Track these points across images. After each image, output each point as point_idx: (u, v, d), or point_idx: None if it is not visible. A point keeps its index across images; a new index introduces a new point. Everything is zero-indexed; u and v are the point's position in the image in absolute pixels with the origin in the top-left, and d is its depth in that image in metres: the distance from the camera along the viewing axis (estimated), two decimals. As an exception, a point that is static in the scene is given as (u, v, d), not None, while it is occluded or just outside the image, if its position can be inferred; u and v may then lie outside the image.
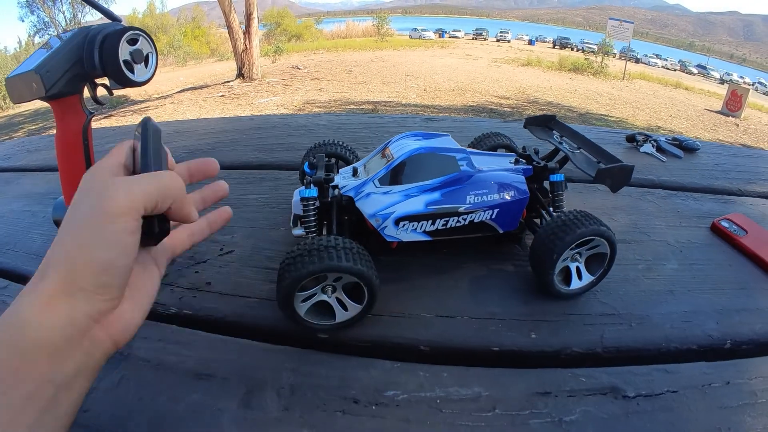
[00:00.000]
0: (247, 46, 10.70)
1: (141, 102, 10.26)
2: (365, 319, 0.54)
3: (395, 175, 0.59)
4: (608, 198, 0.84)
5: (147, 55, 0.65)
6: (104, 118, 8.48)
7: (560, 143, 0.67)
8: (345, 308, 0.52)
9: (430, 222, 0.58)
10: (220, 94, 9.77)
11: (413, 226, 0.57)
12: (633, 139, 1.10)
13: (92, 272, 0.34)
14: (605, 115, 8.02)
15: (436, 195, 0.57)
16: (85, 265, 0.34)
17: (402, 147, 0.60)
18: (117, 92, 0.70)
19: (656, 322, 0.56)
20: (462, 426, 0.43)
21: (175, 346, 0.51)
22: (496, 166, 0.63)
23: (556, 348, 0.52)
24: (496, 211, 0.59)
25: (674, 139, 1.12)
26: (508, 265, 0.64)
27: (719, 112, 9.49)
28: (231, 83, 10.87)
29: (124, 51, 0.61)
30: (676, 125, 8.09)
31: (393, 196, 0.57)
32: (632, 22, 14.35)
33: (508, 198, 0.60)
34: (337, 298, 0.52)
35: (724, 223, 0.75)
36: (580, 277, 0.58)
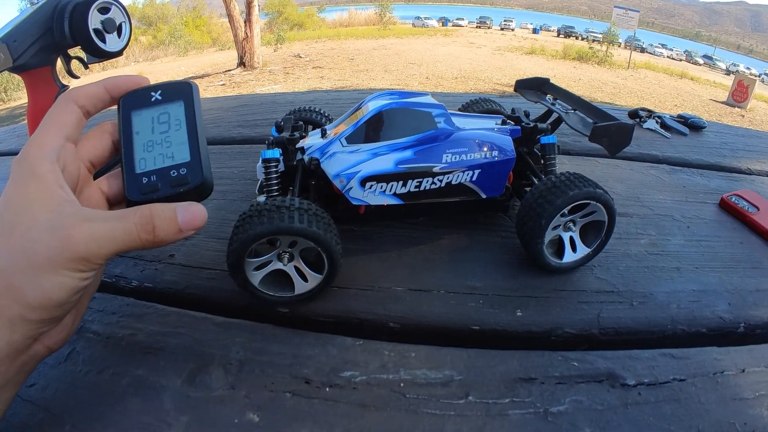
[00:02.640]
0: (248, 35, 10.69)
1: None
2: (330, 293, 0.49)
3: (365, 133, 0.53)
4: (608, 170, 0.79)
5: (120, 25, 0.64)
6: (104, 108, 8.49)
7: (553, 105, 0.61)
8: (305, 279, 0.47)
9: (401, 183, 0.52)
10: (221, 82, 9.77)
11: (382, 187, 0.52)
12: (636, 115, 1.05)
13: (35, 309, 0.32)
14: (610, 104, 7.97)
15: (408, 153, 0.52)
16: (28, 306, 0.32)
17: (374, 104, 0.55)
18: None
19: (661, 301, 0.50)
20: (426, 414, 0.37)
21: (129, 319, 0.47)
22: (481, 126, 0.57)
23: (546, 328, 0.46)
24: (476, 172, 0.53)
25: (679, 116, 1.07)
26: (494, 236, 0.58)
27: (725, 103, 9.42)
28: (232, 72, 10.86)
29: (94, 19, 0.60)
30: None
31: (360, 155, 0.52)
32: (638, 11, 14.23)
33: (491, 159, 0.53)
34: (296, 268, 0.47)
35: (734, 199, 0.69)
36: (574, 248, 0.52)
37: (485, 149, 0.53)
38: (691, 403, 0.39)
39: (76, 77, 0.69)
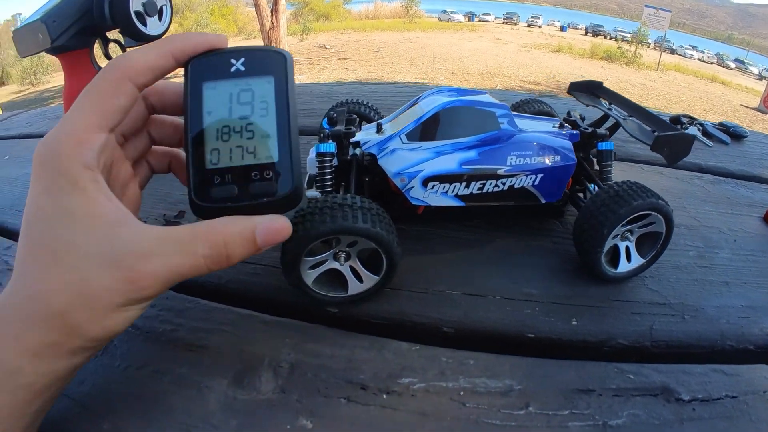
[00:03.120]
0: (275, 25, 10.72)
1: (167, 79, 10.39)
2: (383, 295, 0.47)
3: (426, 130, 0.52)
4: (653, 178, 0.78)
5: (161, 8, 0.63)
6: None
7: (609, 109, 0.59)
8: (359, 279, 0.46)
9: (464, 185, 0.51)
10: (247, 71, 9.85)
11: (444, 188, 0.50)
12: (678, 121, 1.02)
13: (93, 341, 0.31)
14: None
15: (472, 154, 0.50)
16: (92, 339, 0.30)
17: (435, 101, 0.54)
18: None
19: (711, 315, 0.49)
20: (488, 425, 0.36)
21: (169, 313, 0.46)
22: (540, 129, 0.56)
23: (600, 338, 0.45)
24: (539, 176, 0.52)
25: (720, 124, 1.05)
26: (547, 241, 0.58)
27: (756, 109, 9.26)
28: (258, 61, 10.94)
29: (136, 2, 0.59)
30: (710, 119, 7.92)
31: (422, 153, 0.50)
32: (669, 11, 13.99)
33: (554, 163, 0.52)
34: (351, 267, 0.45)
35: None
36: (629, 258, 0.51)
37: (548, 153, 0.53)
38: (743, 421, 0.38)
39: None
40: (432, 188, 0.50)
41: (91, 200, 0.29)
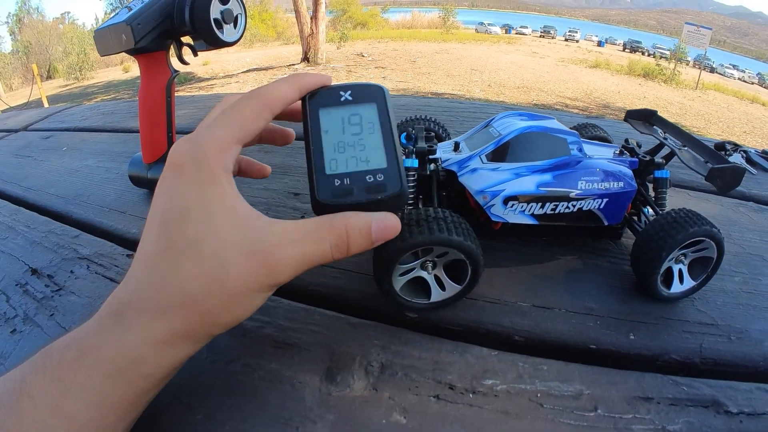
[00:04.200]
0: (314, 31, 10.85)
1: (207, 80, 10.60)
2: (459, 303, 0.51)
3: (504, 152, 0.56)
4: (698, 204, 0.80)
5: (237, 16, 0.66)
6: (172, 92, 8.77)
7: (665, 139, 0.63)
8: (442, 287, 0.50)
9: (539, 205, 0.55)
10: (285, 76, 9.92)
11: (522, 207, 0.55)
12: (722, 148, 1.04)
13: (220, 327, 0.35)
14: (676, 124, 7.71)
15: (547, 177, 0.55)
16: (220, 325, 0.34)
17: (509, 125, 0.58)
18: (184, 70, 0.71)
19: (755, 338, 0.52)
20: (564, 424, 0.40)
21: (256, 311, 0.49)
22: (602, 154, 0.60)
23: (655, 352, 0.49)
24: (605, 201, 0.56)
25: (764, 151, 1.05)
26: (604, 261, 0.61)
27: (799, 132, 8.97)
28: (296, 66, 11.06)
29: (215, 9, 0.62)
30: (750, 142, 7.72)
31: (502, 174, 0.54)
32: (710, 28, 13.70)
33: (618, 189, 0.56)
34: (436, 276, 0.49)
35: None
36: (681, 280, 0.55)
37: (613, 179, 0.56)
38: None
39: (186, 63, 0.71)
40: (511, 207, 0.54)
41: (229, 196, 0.33)
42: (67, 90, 12.23)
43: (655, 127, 0.68)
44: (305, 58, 11.24)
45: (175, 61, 0.70)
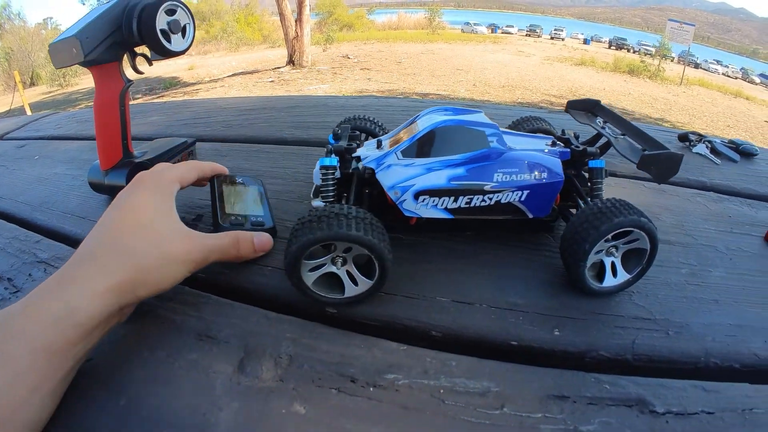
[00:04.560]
0: (299, 34, 10.85)
1: (193, 84, 10.57)
2: (377, 298, 0.51)
3: (419, 148, 0.56)
4: (654, 196, 0.78)
5: (184, 26, 0.68)
6: (157, 98, 8.74)
7: (603, 128, 0.61)
8: (355, 283, 0.50)
9: (452, 199, 0.54)
10: (270, 79, 9.93)
11: (434, 201, 0.54)
12: (686, 139, 1.03)
13: (150, 291, 0.45)
14: (660, 120, 7.76)
15: (460, 170, 0.54)
16: (150, 286, 0.45)
17: (430, 120, 0.57)
18: (169, 74, 0.74)
19: (696, 332, 0.50)
20: (464, 421, 0.39)
21: (184, 306, 0.51)
22: (531, 147, 0.59)
23: (581, 349, 0.47)
24: (525, 193, 0.55)
25: (730, 141, 1.04)
26: (537, 255, 0.60)
27: (781, 125, 9.05)
28: (281, 69, 11.03)
29: (161, 21, 0.64)
30: (734, 136, 7.73)
31: (414, 169, 0.54)
32: (693, 25, 13.83)
33: (540, 180, 0.55)
34: (348, 272, 0.49)
35: None
36: (615, 273, 0.53)
37: (535, 171, 0.55)
38: None
39: (140, 73, 0.73)
40: (423, 201, 0.54)
41: (172, 207, 0.50)
42: (50, 97, 12.14)
43: (597, 117, 0.66)
44: (290, 61, 11.22)
45: (136, 71, 0.73)
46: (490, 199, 0.54)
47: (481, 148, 0.55)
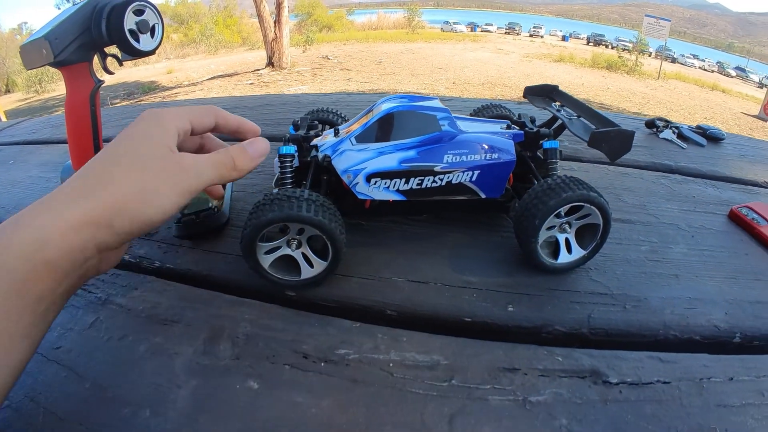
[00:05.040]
0: (277, 36, 10.81)
1: (172, 88, 10.48)
2: (335, 281, 0.52)
3: (372, 133, 0.56)
4: (617, 178, 0.79)
5: (153, 26, 0.68)
6: (135, 102, 8.66)
7: (558, 111, 0.62)
8: (311, 265, 0.51)
9: (403, 180, 0.55)
10: (250, 82, 9.89)
11: (386, 183, 0.55)
12: (653, 125, 1.04)
13: (132, 224, 0.38)
14: (638, 114, 7.84)
15: (411, 153, 0.54)
16: (130, 218, 0.38)
17: (384, 106, 0.58)
18: (148, 79, 0.74)
19: (655, 306, 0.50)
20: (411, 393, 0.40)
21: (150, 294, 0.52)
22: (485, 130, 0.59)
23: (536, 324, 0.47)
24: (476, 173, 0.55)
25: (698, 127, 1.05)
26: (496, 236, 0.60)
27: (756, 117, 9.21)
28: (261, 72, 10.98)
29: (129, 21, 0.63)
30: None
31: (367, 153, 0.55)
32: (669, 20, 13.99)
33: (491, 161, 0.55)
34: (304, 254, 0.51)
35: (744, 211, 0.68)
36: (570, 250, 0.53)
37: (486, 151, 0.55)
38: (673, 405, 0.39)
39: (111, 73, 0.73)
40: (375, 184, 0.54)
41: (170, 139, 0.42)
42: (26, 104, 11.98)
43: (556, 102, 0.67)
44: (270, 63, 11.17)
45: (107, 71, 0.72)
46: (441, 180, 0.55)
47: (432, 132, 0.55)
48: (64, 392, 0.41)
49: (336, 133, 0.60)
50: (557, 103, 0.65)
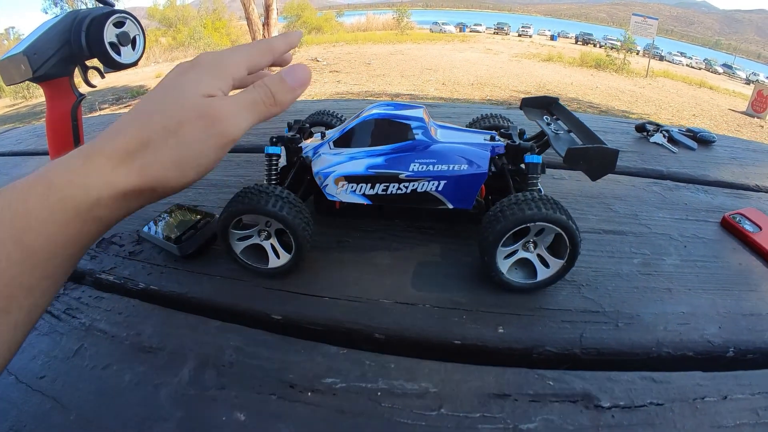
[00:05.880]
0: (266, 38, 10.74)
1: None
2: (321, 303, 0.52)
3: (349, 139, 0.59)
4: (607, 186, 0.78)
5: (134, 38, 0.67)
6: (124, 107, 8.59)
7: (549, 125, 0.61)
8: (278, 256, 0.56)
9: (369, 185, 0.57)
10: (238, 84, 9.83)
11: (352, 187, 0.57)
12: (643, 129, 1.04)
13: (174, 189, 0.37)
14: (626, 112, 7.87)
15: (379, 159, 0.57)
16: (171, 186, 0.37)
17: (366, 114, 0.59)
18: (136, 83, 0.73)
19: (648, 322, 0.49)
20: (400, 423, 0.39)
21: (134, 319, 0.52)
22: (466, 140, 0.59)
23: (527, 345, 0.46)
24: (443, 183, 0.56)
25: (688, 130, 1.05)
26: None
27: (744, 113, 9.25)
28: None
29: (110, 33, 0.63)
30: (699, 125, 7.88)
31: (339, 157, 0.57)
32: (656, 19, 14.05)
33: (460, 171, 0.56)
34: (273, 246, 0.56)
35: (736, 218, 0.68)
36: (547, 265, 0.52)
37: (455, 162, 0.56)
38: (667, 428, 0.39)
39: (92, 86, 0.71)
40: (342, 187, 0.57)
41: (223, 83, 0.39)
42: (14, 110, 11.83)
43: (551, 114, 0.65)
44: (259, 66, 11.16)
45: (89, 84, 0.71)
46: (406, 187, 0.57)
47: (406, 140, 0.57)
48: (48, 424, 0.40)
49: (322, 137, 0.63)
50: (548, 116, 0.64)
